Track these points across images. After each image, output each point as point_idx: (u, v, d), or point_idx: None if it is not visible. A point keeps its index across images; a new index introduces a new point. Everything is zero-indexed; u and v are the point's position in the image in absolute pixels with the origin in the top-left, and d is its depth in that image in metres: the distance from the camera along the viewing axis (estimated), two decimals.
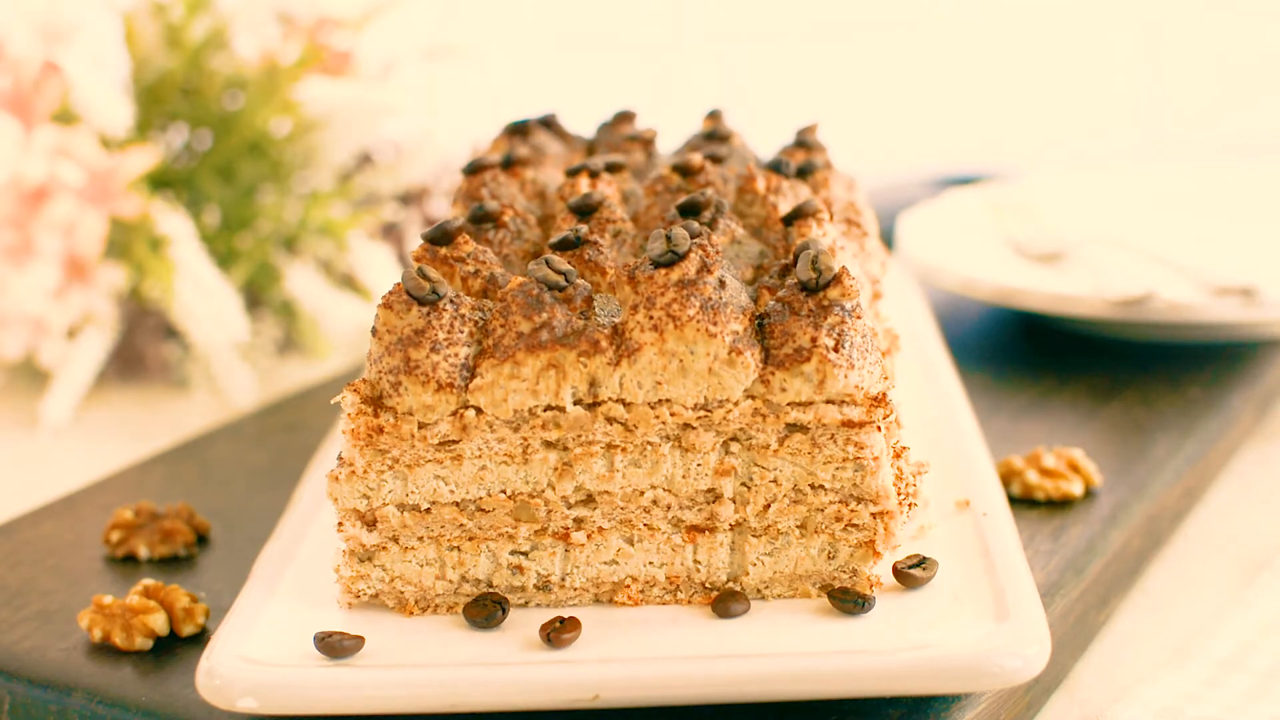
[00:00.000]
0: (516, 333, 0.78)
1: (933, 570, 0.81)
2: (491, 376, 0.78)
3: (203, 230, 1.39)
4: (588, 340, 0.78)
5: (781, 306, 0.79)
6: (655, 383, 0.78)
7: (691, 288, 0.78)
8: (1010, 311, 1.36)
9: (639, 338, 0.78)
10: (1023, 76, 2.14)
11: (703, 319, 0.77)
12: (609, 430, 0.79)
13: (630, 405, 0.79)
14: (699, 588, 0.82)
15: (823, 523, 0.81)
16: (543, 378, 0.78)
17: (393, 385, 0.79)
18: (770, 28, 2.15)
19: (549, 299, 0.79)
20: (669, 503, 0.81)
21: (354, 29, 1.46)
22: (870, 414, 0.78)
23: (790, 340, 0.78)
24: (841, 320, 0.78)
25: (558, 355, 0.78)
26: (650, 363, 0.78)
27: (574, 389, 0.79)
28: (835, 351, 0.77)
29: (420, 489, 0.81)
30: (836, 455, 0.79)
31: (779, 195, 0.93)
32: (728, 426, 0.79)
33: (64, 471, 1.23)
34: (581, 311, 0.79)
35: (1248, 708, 0.85)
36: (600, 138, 1.10)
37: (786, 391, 0.78)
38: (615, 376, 0.78)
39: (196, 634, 0.86)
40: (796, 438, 0.79)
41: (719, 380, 0.78)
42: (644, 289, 0.79)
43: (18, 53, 1.33)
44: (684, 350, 0.78)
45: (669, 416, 0.79)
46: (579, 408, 0.79)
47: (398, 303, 0.80)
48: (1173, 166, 1.59)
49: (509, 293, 0.80)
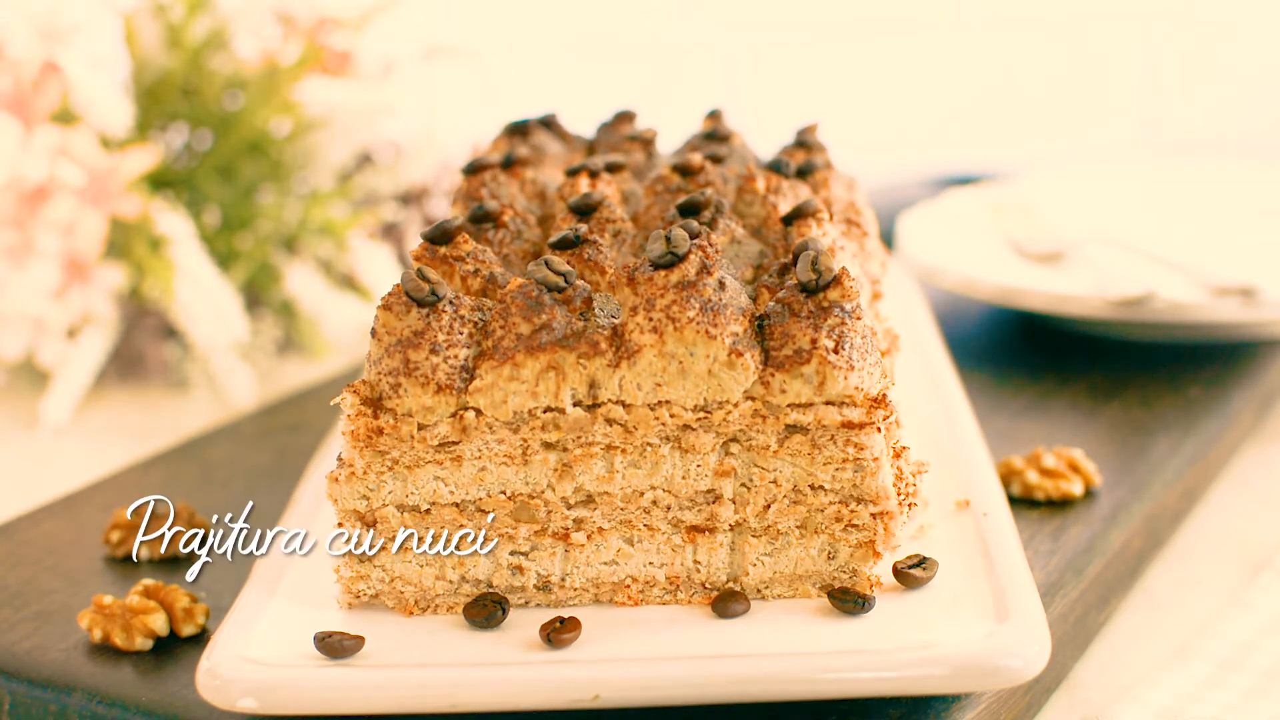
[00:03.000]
0: (516, 334, 0.78)
1: (933, 570, 0.81)
2: (491, 378, 0.78)
3: (203, 230, 1.39)
4: (587, 342, 0.78)
5: (781, 308, 0.79)
6: (655, 384, 0.78)
7: (691, 289, 0.78)
8: (1010, 311, 1.36)
9: (638, 339, 0.78)
10: (1023, 76, 2.14)
11: (702, 321, 0.77)
12: (609, 432, 0.79)
13: (630, 407, 0.79)
14: (699, 588, 0.82)
15: (823, 523, 0.81)
16: (542, 379, 0.78)
17: (392, 387, 0.79)
18: (770, 28, 2.15)
19: (548, 300, 0.79)
20: (669, 503, 0.81)
21: (354, 29, 1.46)
22: (870, 415, 0.78)
23: (790, 342, 0.78)
24: (841, 322, 0.78)
25: (557, 357, 0.78)
26: (650, 364, 0.78)
27: (573, 391, 0.79)
28: (835, 353, 0.77)
29: (420, 490, 0.81)
30: (836, 456, 0.79)
31: (779, 195, 0.93)
32: (727, 428, 0.79)
33: (64, 471, 1.23)
34: (581, 313, 0.79)
35: (1248, 708, 0.85)
36: (600, 138, 1.10)
37: (786, 393, 0.78)
38: (615, 378, 0.78)
39: (197, 634, 0.86)
40: (796, 439, 0.79)
41: (718, 382, 0.78)
42: (644, 290, 0.79)
43: (18, 53, 1.33)
44: (683, 352, 0.78)
45: (669, 418, 0.79)
46: (579, 409, 0.79)
47: (397, 304, 0.80)
48: (1173, 166, 1.59)
49: (508, 294, 0.80)
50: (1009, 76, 2.15)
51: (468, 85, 1.61)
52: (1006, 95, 2.15)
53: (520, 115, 1.10)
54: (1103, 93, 2.15)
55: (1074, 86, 2.15)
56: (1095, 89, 2.15)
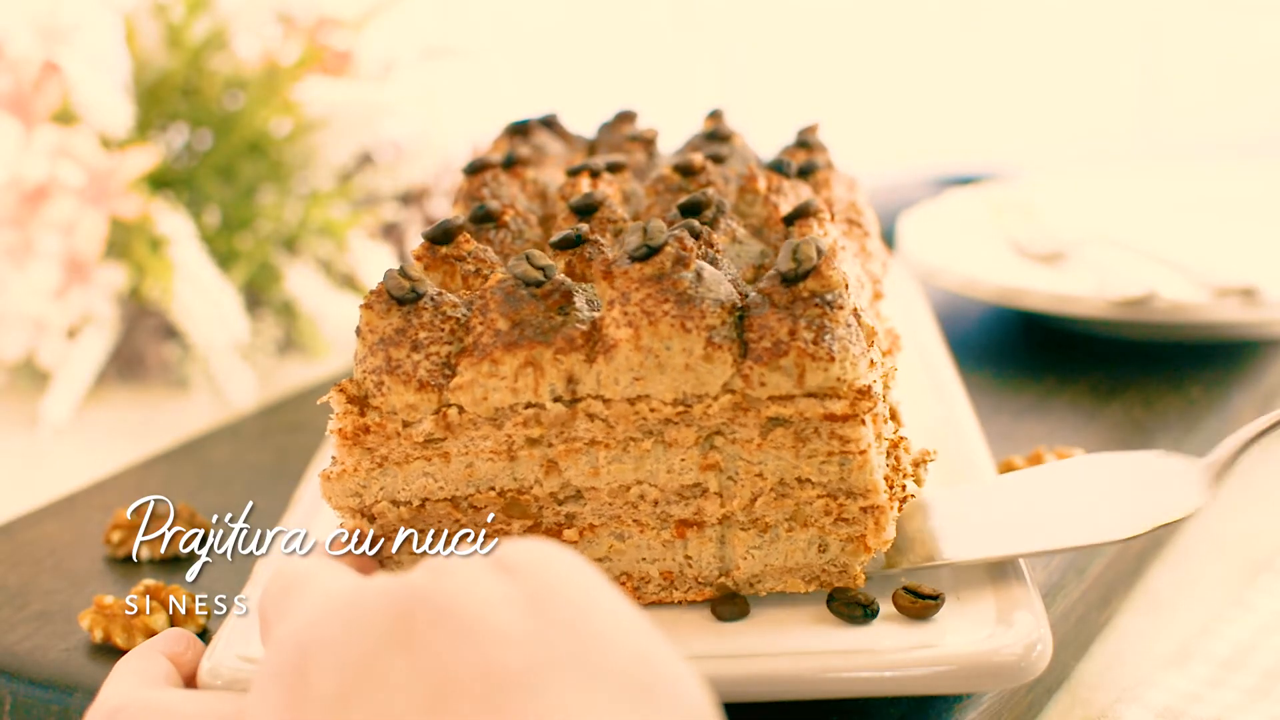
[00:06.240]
0: (494, 330, 0.78)
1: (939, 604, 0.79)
2: (470, 375, 0.78)
3: (203, 230, 1.39)
4: (564, 338, 0.78)
5: (761, 299, 0.78)
6: (633, 379, 0.77)
7: (666, 282, 0.77)
8: (1011, 311, 1.36)
9: (614, 334, 0.77)
10: (1023, 76, 2.14)
11: (678, 315, 0.76)
12: (590, 427, 0.79)
13: (609, 402, 0.78)
14: (693, 583, 0.82)
15: (812, 516, 0.80)
16: (521, 375, 0.78)
17: (376, 385, 0.79)
18: (770, 27, 2.15)
19: (526, 295, 0.78)
20: (655, 497, 0.80)
21: (354, 29, 1.46)
22: (855, 407, 0.77)
23: (768, 334, 0.77)
24: (822, 312, 0.77)
25: (535, 353, 0.78)
26: (627, 359, 0.77)
27: (552, 386, 0.78)
28: (814, 344, 0.76)
29: (410, 487, 0.81)
30: (821, 449, 0.78)
31: (780, 195, 0.93)
32: (709, 421, 0.79)
33: (64, 471, 1.22)
34: (561, 307, 0.79)
35: (1249, 707, 0.85)
36: (601, 138, 1.10)
37: (766, 386, 0.77)
38: (592, 373, 0.78)
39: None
40: (779, 432, 0.78)
41: (696, 376, 0.77)
42: (620, 284, 0.78)
43: (18, 53, 1.33)
44: (659, 346, 0.77)
45: (649, 412, 0.78)
46: (559, 405, 0.79)
47: (378, 303, 0.80)
48: (1173, 166, 1.59)
49: (487, 290, 0.79)
50: (1009, 76, 2.15)
51: (468, 85, 1.61)
52: (1006, 95, 2.15)
53: (521, 115, 1.10)
54: (1103, 93, 2.15)
55: (1074, 86, 2.15)
56: (1095, 89, 2.15)
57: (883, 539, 0.80)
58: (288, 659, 0.58)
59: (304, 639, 0.59)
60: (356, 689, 0.56)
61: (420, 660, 0.56)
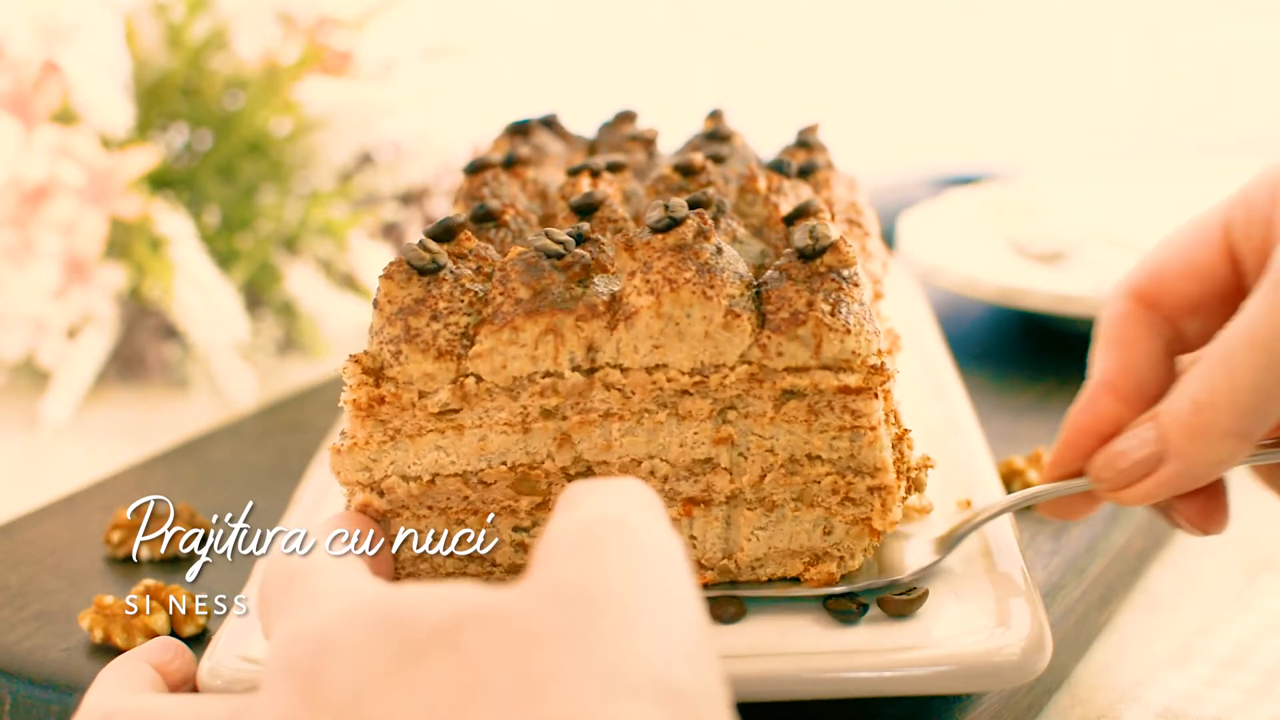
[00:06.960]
0: (515, 299, 0.79)
1: (921, 602, 0.80)
2: (490, 343, 0.78)
3: (203, 230, 1.39)
4: (585, 305, 0.78)
5: (779, 274, 0.79)
6: (652, 346, 0.78)
7: (689, 252, 0.78)
8: (1011, 311, 1.36)
9: (636, 301, 0.78)
10: (1023, 76, 2.15)
11: (699, 282, 0.77)
12: (606, 397, 0.79)
13: (627, 371, 0.79)
14: (696, 566, 0.82)
15: (819, 495, 0.80)
16: (541, 343, 0.78)
17: (393, 354, 0.79)
18: (771, 27, 2.15)
19: (547, 266, 0.79)
20: (665, 473, 0.80)
21: (354, 29, 1.46)
22: (868, 380, 0.78)
23: (786, 305, 0.78)
24: (838, 286, 0.78)
25: (556, 320, 0.78)
26: (647, 326, 0.78)
27: (572, 354, 0.79)
28: (831, 315, 0.77)
29: (421, 461, 0.81)
30: (833, 423, 0.79)
31: (780, 195, 0.93)
32: (724, 393, 0.79)
33: (64, 471, 1.23)
34: (580, 279, 0.80)
35: (1249, 708, 0.85)
36: (601, 137, 1.10)
37: (783, 356, 0.78)
38: (613, 340, 0.78)
39: (197, 634, 0.86)
40: (793, 404, 0.79)
41: (715, 344, 0.78)
42: (641, 255, 0.79)
43: (18, 53, 1.33)
44: (680, 313, 0.77)
45: (666, 382, 0.79)
46: (577, 374, 0.79)
47: (398, 273, 0.80)
48: (1173, 166, 1.59)
49: (508, 262, 0.80)
50: (1009, 76, 2.15)
51: (468, 85, 1.61)
52: (1006, 95, 2.15)
53: (521, 115, 1.10)
54: (1102, 93, 2.15)
55: (1074, 86, 2.15)
56: (1095, 89, 2.15)
57: (889, 520, 0.80)
58: (299, 656, 0.58)
59: (320, 636, 0.58)
60: (374, 692, 0.55)
61: (457, 664, 0.55)
